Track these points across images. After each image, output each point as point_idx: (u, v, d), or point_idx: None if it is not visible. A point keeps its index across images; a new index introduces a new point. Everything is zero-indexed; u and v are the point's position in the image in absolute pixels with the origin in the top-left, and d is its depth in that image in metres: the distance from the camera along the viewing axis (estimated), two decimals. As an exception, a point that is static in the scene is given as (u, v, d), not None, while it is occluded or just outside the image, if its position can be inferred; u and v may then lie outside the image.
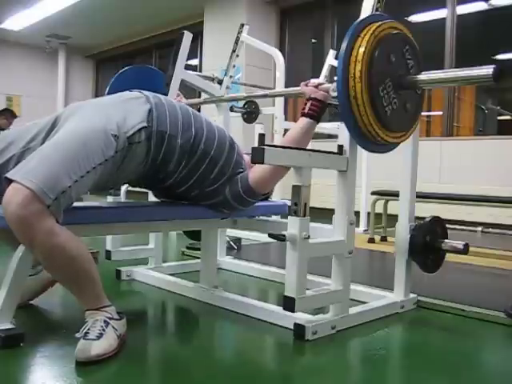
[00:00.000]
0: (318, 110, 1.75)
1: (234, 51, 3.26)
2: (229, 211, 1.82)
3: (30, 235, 1.32)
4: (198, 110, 1.88)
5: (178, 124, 1.66)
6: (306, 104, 1.76)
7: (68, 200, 1.38)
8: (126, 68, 2.46)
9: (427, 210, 2.30)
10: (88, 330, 1.40)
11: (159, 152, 1.62)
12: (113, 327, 1.44)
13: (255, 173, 1.73)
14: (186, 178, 1.72)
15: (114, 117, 1.55)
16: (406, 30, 1.75)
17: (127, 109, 1.60)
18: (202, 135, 1.71)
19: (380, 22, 1.65)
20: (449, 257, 2.00)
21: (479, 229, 4.02)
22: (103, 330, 1.40)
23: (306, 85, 1.83)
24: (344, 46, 1.59)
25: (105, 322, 1.43)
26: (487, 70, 1.52)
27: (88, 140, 1.44)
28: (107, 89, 2.36)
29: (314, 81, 1.83)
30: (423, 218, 1.97)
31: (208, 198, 1.78)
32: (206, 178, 1.74)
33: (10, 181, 1.33)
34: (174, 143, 1.64)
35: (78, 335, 1.39)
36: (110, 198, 2.23)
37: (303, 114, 1.75)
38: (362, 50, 1.58)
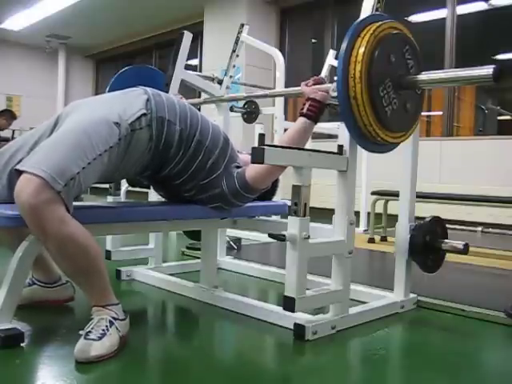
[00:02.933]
0: (316, 111, 1.75)
1: (234, 51, 3.26)
2: (227, 207, 1.82)
3: (42, 223, 1.33)
4: (198, 110, 1.89)
5: (176, 112, 1.70)
6: (304, 104, 1.77)
7: (77, 188, 1.40)
8: (126, 68, 2.46)
9: (427, 209, 2.30)
10: (91, 329, 1.41)
11: (161, 137, 1.65)
12: (116, 328, 1.44)
13: (252, 168, 1.74)
14: (183, 169, 1.74)
15: (115, 108, 1.58)
16: (406, 30, 1.75)
17: (126, 100, 1.65)
18: (198, 126, 1.74)
19: (380, 22, 1.66)
20: (449, 257, 2.00)
21: (479, 229, 4.02)
22: (107, 330, 1.41)
23: (307, 84, 1.83)
24: (344, 46, 1.59)
25: (110, 322, 1.44)
26: (487, 70, 1.52)
27: (91, 129, 1.47)
28: (107, 89, 2.36)
29: (313, 83, 1.83)
30: (423, 218, 1.97)
31: (205, 190, 1.79)
32: (202, 170, 1.75)
33: (20, 173, 1.34)
34: (173, 128, 1.67)
35: (80, 332, 1.40)
36: (110, 198, 2.24)
37: (301, 114, 1.76)
38: (361, 50, 1.58)
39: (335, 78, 1.65)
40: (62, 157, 1.38)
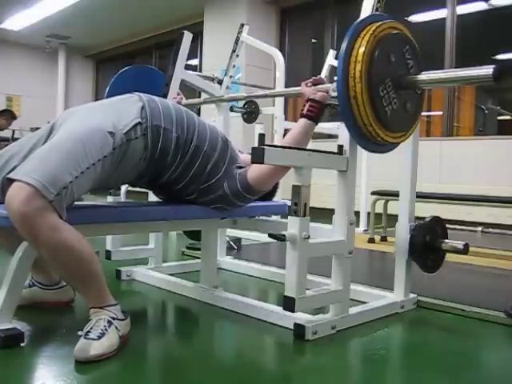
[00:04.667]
0: (317, 111, 1.75)
1: (234, 51, 3.26)
2: (229, 207, 1.83)
3: (35, 231, 1.33)
4: (198, 110, 1.89)
5: (171, 118, 1.68)
6: (304, 105, 1.76)
7: (70, 196, 1.39)
8: (126, 68, 2.47)
9: (427, 209, 2.30)
10: (90, 329, 1.41)
11: (156, 146, 1.64)
12: (116, 327, 1.44)
13: (254, 170, 1.74)
14: (182, 175, 1.74)
15: (109, 116, 1.57)
16: (406, 30, 1.75)
17: (121, 108, 1.63)
18: (195, 131, 1.73)
19: (380, 22, 1.65)
20: (449, 257, 2.00)
21: (479, 229, 4.02)
22: (106, 329, 1.41)
23: (306, 85, 1.83)
24: (344, 46, 1.59)
25: (108, 321, 1.44)
26: (487, 70, 1.52)
27: (85, 138, 1.46)
28: (107, 89, 2.36)
29: (312, 84, 1.82)
30: (423, 218, 1.97)
31: (207, 193, 1.78)
32: (201, 174, 1.75)
33: (12, 182, 1.34)
34: (169, 136, 1.66)
35: (79, 333, 1.40)
36: (110, 198, 2.23)
37: (302, 116, 1.76)
38: (361, 50, 1.58)
39: (335, 78, 1.65)
40: (54, 165, 1.37)
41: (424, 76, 1.69)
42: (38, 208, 1.31)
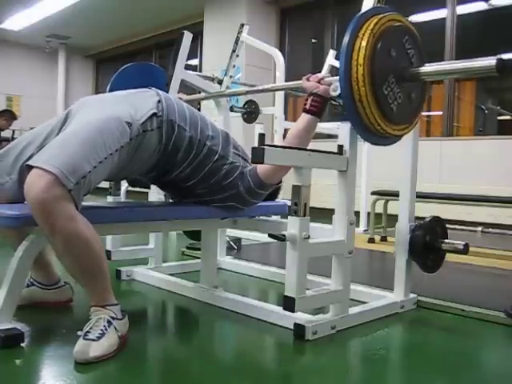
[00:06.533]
0: (320, 106, 1.73)
1: (234, 51, 3.27)
2: (242, 206, 1.84)
3: (52, 219, 1.32)
4: (198, 110, 1.90)
5: (185, 117, 1.71)
6: (307, 100, 1.75)
7: (87, 186, 1.40)
8: (128, 65, 2.45)
9: (427, 209, 2.30)
10: (90, 329, 1.41)
11: (170, 140, 1.66)
12: (115, 328, 1.44)
13: (262, 166, 1.75)
14: (192, 174, 1.75)
15: (126, 107, 1.58)
16: (404, 20, 1.72)
17: (138, 99, 1.65)
18: (208, 134, 1.76)
19: (376, 18, 1.63)
20: (449, 257, 2.00)
21: (479, 229, 4.02)
22: (105, 329, 1.41)
23: (308, 79, 1.81)
24: (345, 41, 1.58)
25: (108, 321, 1.44)
26: (490, 62, 1.51)
27: (104, 128, 1.47)
28: (108, 86, 2.35)
29: (315, 75, 1.81)
30: (423, 218, 1.97)
31: (218, 192, 1.80)
32: (215, 174, 1.77)
33: (31, 169, 1.33)
34: (182, 133, 1.68)
35: (79, 333, 1.40)
36: (110, 198, 2.23)
37: (305, 111, 1.74)
38: (362, 52, 1.57)
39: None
40: (74, 154, 1.37)
41: (426, 68, 1.68)
42: (56, 196, 1.30)
